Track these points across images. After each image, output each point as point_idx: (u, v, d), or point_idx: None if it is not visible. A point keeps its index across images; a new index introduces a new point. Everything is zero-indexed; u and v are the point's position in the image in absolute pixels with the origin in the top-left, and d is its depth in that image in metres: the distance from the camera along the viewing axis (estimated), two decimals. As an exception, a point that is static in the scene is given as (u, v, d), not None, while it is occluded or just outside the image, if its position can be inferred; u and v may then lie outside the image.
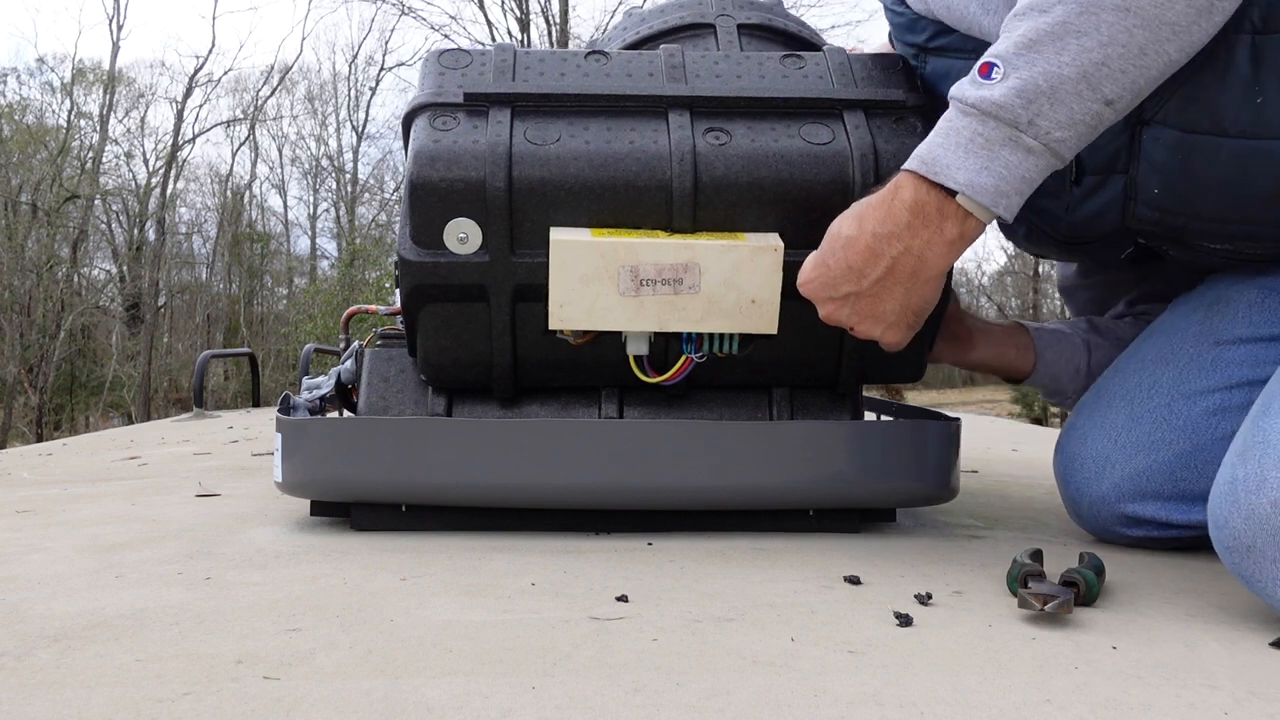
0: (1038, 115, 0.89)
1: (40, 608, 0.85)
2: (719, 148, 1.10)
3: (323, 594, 0.89)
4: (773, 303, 1.09)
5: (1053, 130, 0.90)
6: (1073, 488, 1.20)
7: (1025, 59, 0.89)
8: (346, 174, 22.18)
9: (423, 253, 1.09)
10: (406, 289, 1.10)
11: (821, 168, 1.10)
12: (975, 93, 0.91)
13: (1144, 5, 0.86)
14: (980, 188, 0.91)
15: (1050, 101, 0.89)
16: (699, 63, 1.18)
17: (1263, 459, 0.83)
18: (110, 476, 1.84)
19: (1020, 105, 0.89)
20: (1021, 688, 0.68)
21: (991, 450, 2.48)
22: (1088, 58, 0.88)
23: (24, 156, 18.60)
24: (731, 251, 1.07)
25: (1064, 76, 0.88)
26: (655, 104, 1.12)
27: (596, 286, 1.07)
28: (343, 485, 1.14)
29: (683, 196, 1.08)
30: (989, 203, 0.92)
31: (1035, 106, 0.89)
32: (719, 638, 0.78)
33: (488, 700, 0.64)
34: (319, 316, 14.43)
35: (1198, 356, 1.14)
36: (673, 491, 1.14)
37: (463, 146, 1.08)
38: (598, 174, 1.08)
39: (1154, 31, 0.87)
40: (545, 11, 16.02)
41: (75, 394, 18.71)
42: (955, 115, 0.93)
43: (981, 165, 0.91)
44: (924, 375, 1.25)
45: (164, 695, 0.64)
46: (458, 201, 1.07)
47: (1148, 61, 0.88)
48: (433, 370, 1.16)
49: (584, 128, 1.10)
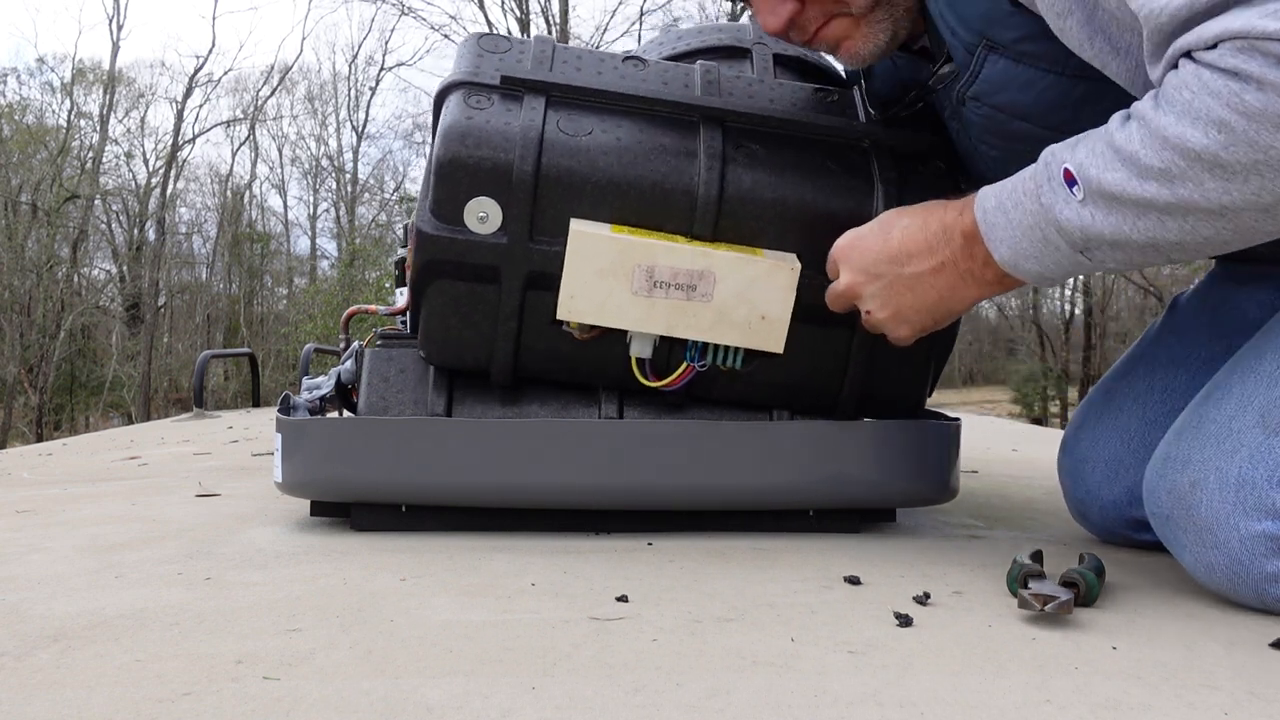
0: (1097, 251, 0.86)
1: (40, 608, 0.85)
2: (747, 160, 1.10)
3: (323, 594, 0.89)
4: (783, 321, 1.10)
5: (1108, 263, 0.87)
6: (1082, 490, 1.20)
7: (1103, 206, 0.83)
8: (346, 174, 22.18)
9: (441, 227, 1.08)
10: (419, 262, 1.10)
11: (846, 197, 1.10)
12: (1050, 194, 0.86)
13: (1241, 219, 0.78)
14: (1024, 270, 0.91)
15: (1112, 247, 0.85)
16: (734, 82, 1.19)
17: (1191, 441, 0.92)
18: (110, 476, 1.84)
19: (1080, 238, 0.86)
20: (1021, 688, 0.68)
21: (991, 450, 2.48)
22: (1164, 238, 0.82)
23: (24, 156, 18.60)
24: (749, 265, 1.07)
25: (1133, 242, 0.83)
26: (689, 113, 1.12)
27: (610, 282, 1.07)
28: (343, 485, 1.14)
29: (706, 204, 1.08)
30: (1031, 279, 0.92)
31: (1097, 249, 0.86)
32: (719, 638, 0.78)
33: (488, 700, 0.64)
34: (319, 316, 14.43)
35: (1210, 359, 1.14)
36: (673, 491, 1.14)
37: (495, 127, 1.08)
38: (625, 171, 1.08)
39: (1243, 234, 0.80)
40: (545, 11, 16.03)
41: (75, 394, 18.71)
42: (1028, 194, 0.88)
43: (1032, 253, 0.89)
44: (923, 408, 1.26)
45: (164, 695, 0.64)
46: (483, 180, 1.07)
47: (1227, 245, 0.82)
48: (432, 348, 1.16)
49: (616, 125, 1.11)
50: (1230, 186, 0.76)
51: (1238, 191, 0.76)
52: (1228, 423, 0.90)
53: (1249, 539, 0.86)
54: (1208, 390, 0.96)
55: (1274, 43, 0.70)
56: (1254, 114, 0.72)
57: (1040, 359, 19.58)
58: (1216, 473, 0.88)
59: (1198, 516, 0.89)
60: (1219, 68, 0.73)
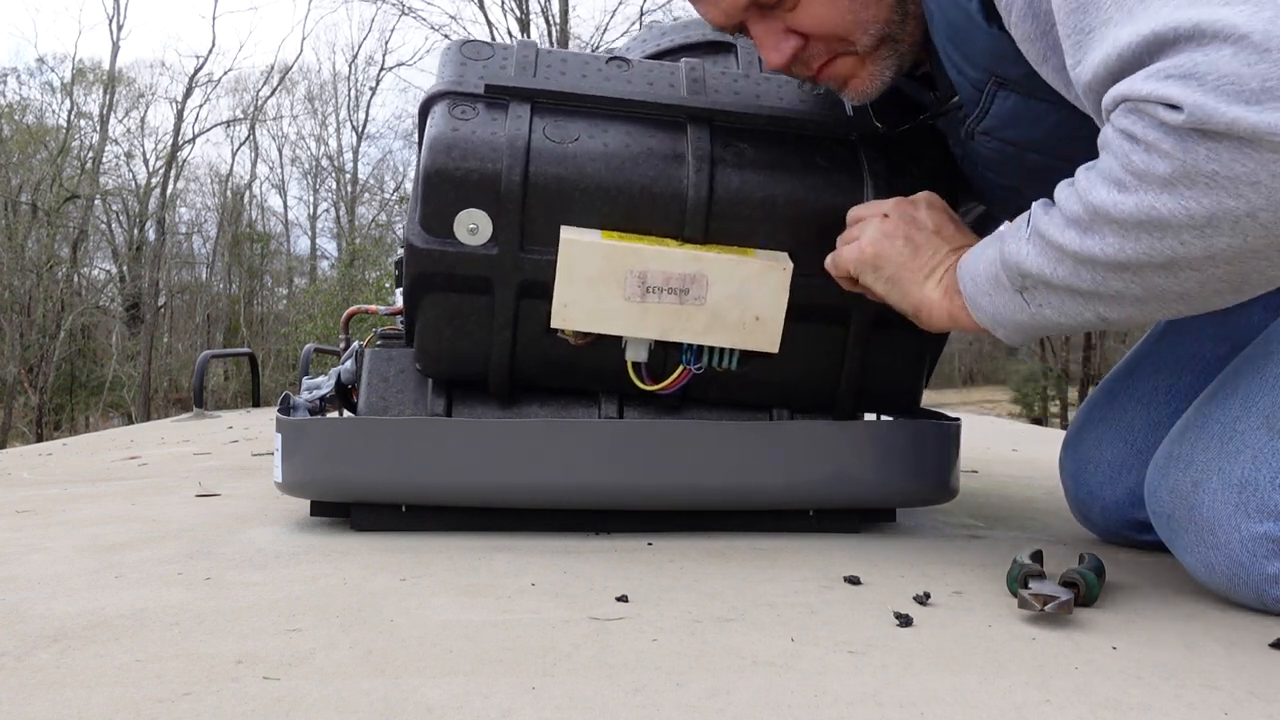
0: (1034, 291, 0.86)
1: (40, 608, 0.85)
2: (736, 160, 1.10)
3: (323, 594, 0.89)
4: (777, 321, 1.09)
5: (1045, 310, 0.87)
6: (1085, 490, 1.20)
7: (1038, 244, 0.84)
8: (346, 174, 22.19)
9: (431, 240, 1.08)
10: (411, 276, 1.10)
11: (836, 192, 1.10)
12: (1012, 231, 0.88)
13: (1144, 276, 0.77)
14: (979, 307, 0.93)
15: (1044, 289, 0.85)
16: (719, 79, 1.18)
17: (1195, 441, 0.92)
18: (110, 476, 1.84)
19: (1017, 272, 0.86)
20: (1021, 688, 0.68)
21: (991, 450, 2.48)
22: (1077, 285, 0.82)
23: (24, 156, 18.60)
24: (740, 266, 1.07)
25: (1055, 286, 0.84)
26: (675, 114, 1.12)
27: (602, 289, 1.07)
28: (343, 485, 1.14)
29: (696, 206, 1.07)
30: (985, 323, 0.93)
31: (1033, 289, 0.86)
32: (719, 638, 0.78)
33: (488, 700, 0.64)
34: (319, 316, 14.43)
35: (1215, 360, 1.14)
36: (673, 491, 1.14)
37: (480, 137, 1.07)
38: (614, 176, 1.07)
39: (1153, 295, 0.79)
40: (545, 11, 16.03)
41: (75, 394, 18.71)
42: (1000, 234, 0.91)
43: (986, 289, 0.91)
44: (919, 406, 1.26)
45: (164, 695, 0.64)
46: (471, 191, 1.07)
47: (1141, 304, 0.81)
48: (428, 360, 1.16)
49: (603, 130, 1.10)
50: (1124, 244, 0.76)
51: (1131, 249, 0.76)
52: (1232, 423, 0.90)
53: (1250, 540, 0.86)
54: (1212, 391, 0.96)
55: (1154, 105, 0.70)
56: (1140, 174, 0.73)
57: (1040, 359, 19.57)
58: (1219, 473, 0.88)
59: (1199, 516, 0.89)
60: (1116, 128, 0.75)
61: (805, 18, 0.99)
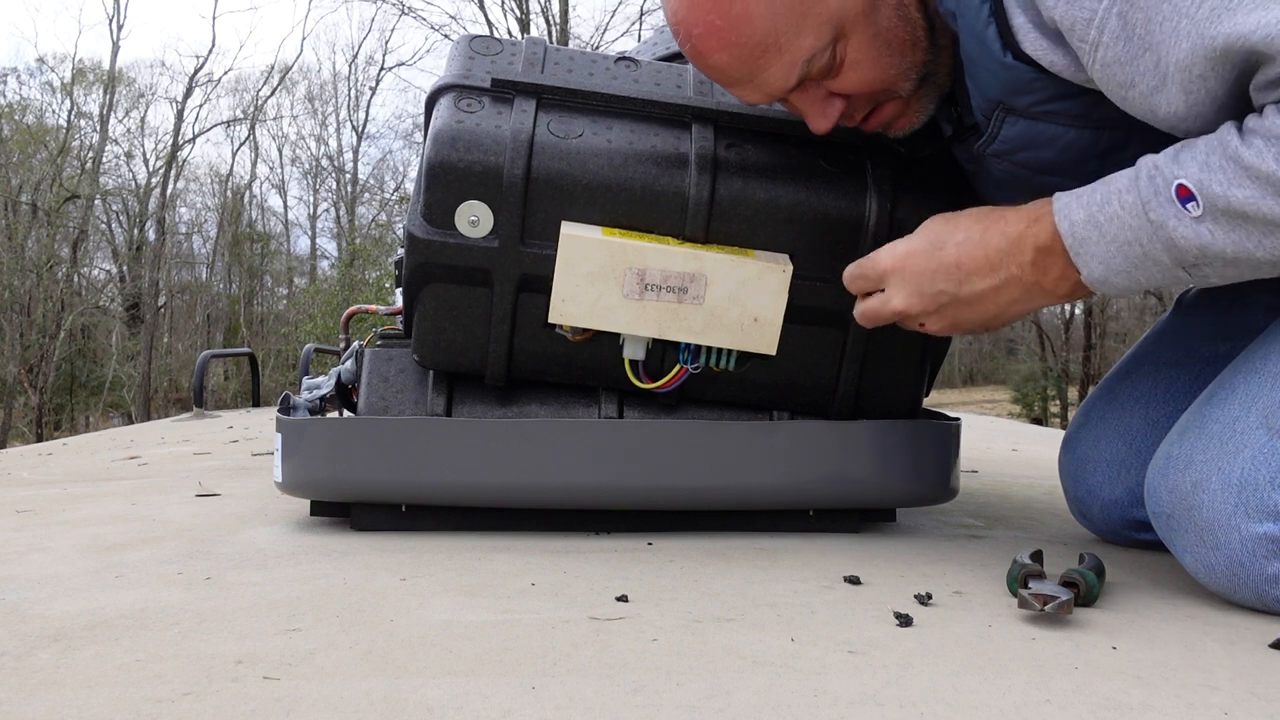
0: (1208, 268, 0.85)
1: (40, 608, 0.85)
2: (739, 162, 1.10)
3: (323, 594, 0.89)
4: (775, 323, 1.09)
5: (1211, 279, 0.86)
6: (1084, 489, 1.20)
7: (1224, 223, 0.81)
8: (346, 174, 22.18)
9: (432, 231, 1.08)
10: (411, 266, 1.10)
11: (839, 196, 1.10)
12: (1160, 211, 0.83)
13: None
14: (1111, 285, 0.89)
15: (1226, 265, 0.84)
16: None
17: (1194, 441, 0.92)
18: (110, 476, 1.84)
19: (1195, 257, 0.83)
20: (1021, 688, 0.68)
21: (991, 450, 2.48)
22: None
23: (24, 156, 18.59)
24: (740, 267, 1.07)
25: (1254, 259, 0.82)
26: (680, 114, 1.12)
27: (601, 285, 1.07)
28: (343, 485, 1.14)
29: (698, 206, 1.07)
30: (1112, 293, 0.91)
31: (1210, 265, 0.84)
32: (719, 638, 0.78)
33: (488, 700, 0.64)
34: (319, 316, 14.43)
35: (1215, 360, 1.14)
36: (673, 491, 1.14)
37: (485, 130, 1.08)
38: (616, 173, 1.07)
39: None
40: (545, 11, 16.03)
41: (75, 394, 18.71)
42: (1129, 209, 0.85)
43: (1126, 269, 0.87)
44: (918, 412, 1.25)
45: (164, 695, 0.64)
46: (474, 184, 1.07)
47: None
48: (426, 350, 1.16)
49: (607, 127, 1.10)
50: None
51: None
52: (1231, 423, 0.90)
53: (1250, 540, 0.86)
54: (1211, 390, 0.96)
55: None
56: None
57: (1040, 359, 19.57)
58: (1219, 473, 0.88)
59: (1199, 517, 0.89)
60: None
61: (848, 82, 0.97)
